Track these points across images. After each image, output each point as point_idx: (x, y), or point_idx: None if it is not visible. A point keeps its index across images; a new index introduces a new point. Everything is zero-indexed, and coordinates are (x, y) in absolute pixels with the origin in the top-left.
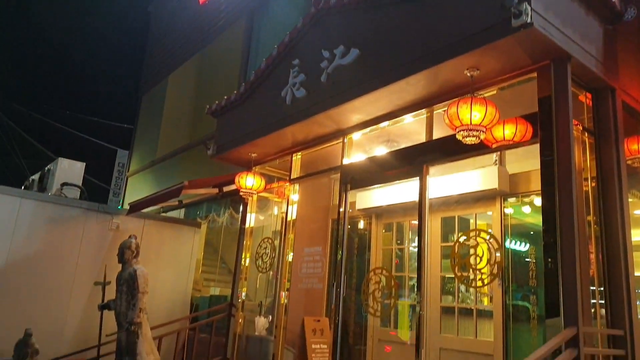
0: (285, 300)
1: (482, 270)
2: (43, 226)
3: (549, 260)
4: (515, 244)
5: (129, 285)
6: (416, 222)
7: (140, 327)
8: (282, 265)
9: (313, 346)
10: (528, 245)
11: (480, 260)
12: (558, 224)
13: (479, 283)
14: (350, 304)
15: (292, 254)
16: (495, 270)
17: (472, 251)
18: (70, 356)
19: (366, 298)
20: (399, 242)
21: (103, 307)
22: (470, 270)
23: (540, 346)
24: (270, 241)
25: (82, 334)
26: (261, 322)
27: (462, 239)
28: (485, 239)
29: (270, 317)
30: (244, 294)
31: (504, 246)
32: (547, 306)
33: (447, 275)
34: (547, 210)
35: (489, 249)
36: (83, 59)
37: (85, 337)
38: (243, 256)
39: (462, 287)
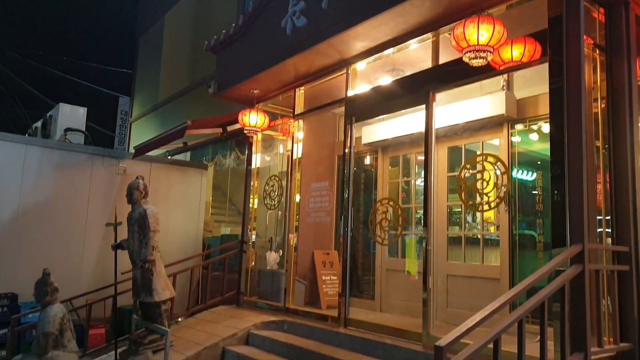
0: (295, 238)
1: (489, 195)
2: (50, 172)
3: (556, 190)
4: (522, 173)
5: (140, 224)
6: (422, 155)
7: (154, 265)
8: (290, 202)
9: (323, 277)
10: (535, 174)
11: (487, 184)
12: (566, 150)
13: (486, 207)
14: (358, 236)
15: (299, 190)
16: (501, 194)
17: (478, 176)
18: (88, 294)
19: (373, 228)
20: (405, 175)
21: (116, 247)
22: (477, 195)
23: None
24: (277, 179)
25: (99, 274)
26: (272, 257)
27: (469, 165)
28: (492, 163)
29: (281, 251)
30: (254, 237)
31: (511, 171)
32: (554, 236)
33: (453, 205)
34: (555, 135)
35: (495, 173)
36: (77, 2)
37: (102, 276)
38: (251, 196)
39: (469, 218)
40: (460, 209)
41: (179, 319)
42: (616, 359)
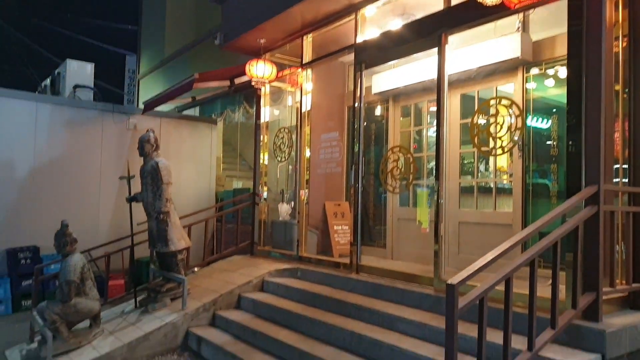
0: (306, 190)
1: (502, 139)
2: (62, 129)
3: (572, 139)
4: (536, 120)
5: (152, 177)
6: (434, 103)
7: (169, 216)
8: (300, 154)
9: (335, 227)
10: (549, 122)
11: (501, 128)
12: (584, 96)
13: (499, 151)
14: (369, 187)
15: (309, 142)
16: (515, 137)
17: (492, 120)
18: (106, 245)
19: (385, 177)
20: (417, 125)
21: (131, 199)
22: (490, 139)
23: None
24: (286, 131)
25: (115, 226)
26: (284, 208)
27: (482, 108)
28: (506, 106)
29: (292, 203)
30: (265, 194)
31: (525, 117)
32: (569, 184)
33: (466, 153)
34: (572, 80)
35: (509, 116)
36: None
37: (118, 228)
38: (261, 150)
39: (482, 167)
40: (472, 159)
41: (195, 269)
42: (628, 299)
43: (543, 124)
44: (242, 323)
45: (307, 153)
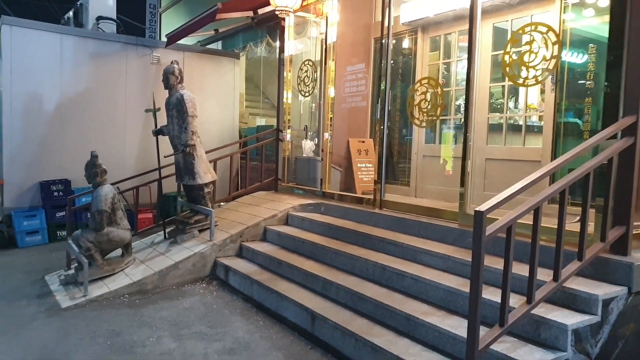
0: (330, 125)
1: (536, 68)
2: (87, 62)
3: (610, 76)
4: (571, 55)
5: (178, 110)
6: (465, 36)
7: (195, 149)
8: (325, 88)
9: (358, 165)
10: (586, 57)
11: (535, 56)
12: (627, 27)
13: (532, 81)
14: (394, 124)
15: (334, 75)
16: (550, 66)
17: (527, 47)
18: (134, 178)
19: (412, 110)
20: (446, 58)
21: (157, 132)
22: (524, 68)
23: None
24: (311, 64)
25: (141, 159)
26: (307, 145)
27: (517, 35)
28: (542, 33)
29: (316, 139)
30: (288, 135)
31: (562, 44)
32: (604, 124)
33: (495, 87)
34: (615, 9)
35: (545, 43)
36: None
37: (144, 161)
38: (285, 83)
39: (511, 103)
40: (501, 95)
41: (221, 204)
42: None
43: (578, 58)
44: (268, 254)
45: (332, 88)
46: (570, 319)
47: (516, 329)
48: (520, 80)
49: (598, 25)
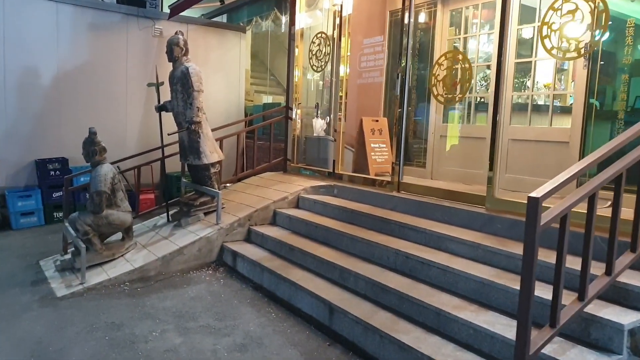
0: (344, 102)
1: (578, 40)
2: (85, 34)
3: None
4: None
5: (182, 84)
6: (488, 10)
7: (201, 126)
8: (338, 63)
9: (372, 145)
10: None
11: (578, 27)
12: None
13: (574, 54)
14: (408, 102)
15: (349, 49)
16: (597, 37)
17: (569, 16)
18: (135, 157)
19: (434, 86)
20: (465, 32)
21: (160, 108)
22: (564, 40)
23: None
24: (324, 37)
25: (143, 136)
26: (318, 124)
27: (557, 4)
28: (587, 0)
29: (328, 118)
30: (294, 114)
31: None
32: None
33: (522, 64)
34: None
35: (591, 12)
36: None
37: (147, 139)
38: (295, 59)
39: (529, 82)
40: (522, 73)
41: (227, 185)
42: None
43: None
44: (279, 239)
45: (346, 63)
46: (625, 317)
47: (563, 328)
48: (561, 54)
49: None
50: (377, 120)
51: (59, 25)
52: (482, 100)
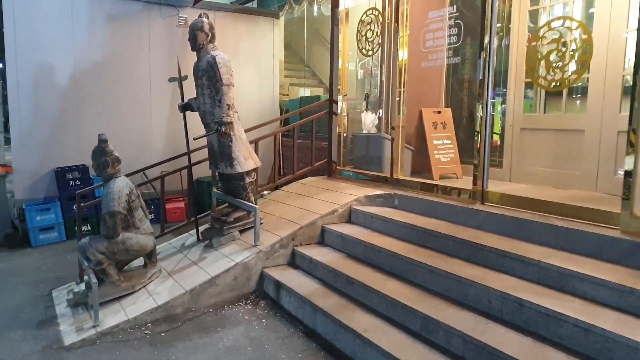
0: (402, 92)
1: None
2: (103, 26)
3: None
4: None
5: (209, 76)
6: None
7: (232, 128)
8: (395, 44)
9: (435, 142)
10: None
11: None
12: None
13: None
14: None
15: (408, 26)
16: None
17: None
18: (162, 164)
19: (534, 64)
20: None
21: (184, 107)
22: None
23: None
24: (376, 13)
25: (171, 140)
26: (369, 119)
27: None
28: None
29: (380, 111)
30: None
31: None
32: None
33: None
34: None
35: None
36: None
37: (175, 142)
38: (340, 44)
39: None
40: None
41: (264, 193)
42: None
43: None
44: (332, 266)
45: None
46: None
47: None
48: None
49: None
50: (439, 112)
51: (74, 17)
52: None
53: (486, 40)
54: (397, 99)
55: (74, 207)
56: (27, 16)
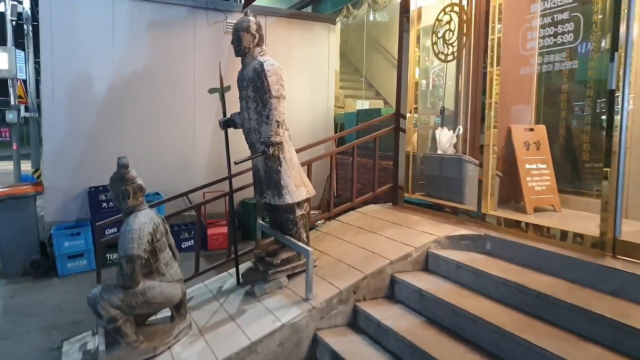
0: (494, 102)
1: None
2: (145, 32)
3: None
4: None
5: (255, 87)
6: None
7: (282, 149)
8: (485, 44)
9: (527, 166)
10: None
11: None
12: None
13: None
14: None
15: (498, 20)
16: None
17: None
18: (207, 186)
19: None
20: None
21: (226, 123)
22: None
23: None
24: (457, 10)
25: (214, 161)
26: (445, 136)
27: None
28: None
29: (460, 128)
30: (412, 123)
31: None
32: None
33: None
34: None
35: None
36: None
37: (219, 164)
38: (410, 49)
39: None
40: None
41: (318, 223)
42: None
43: None
44: (407, 337)
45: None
46: None
47: None
48: None
49: None
50: (531, 130)
51: (115, 23)
52: None
53: (622, 30)
54: (489, 112)
55: (106, 232)
56: (65, 24)
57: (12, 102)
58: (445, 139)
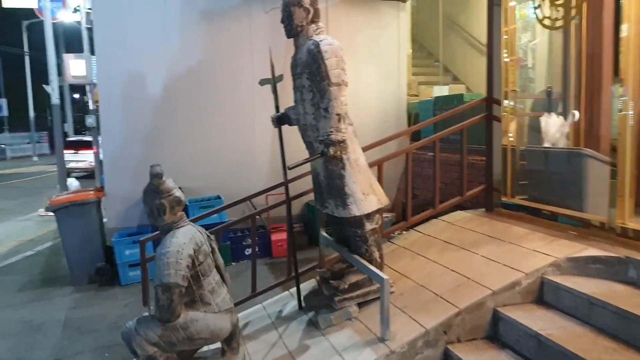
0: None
1: None
2: (199, 25)
3: None
4: None
5: (311, 72)
6: None
7: (346, 149)
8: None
9: None
10: None
11: None
12: None
13: None
14: None
15: None
16: None
17: None
18: (269, 190)
19: None
20: None
21: (279, 119)
22: None
23: None
24: None
25: (277, 161)
26: (554, 124)
27: None
28: None
29: (575, 113)
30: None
31: None
32: None
33: None
34: None
35: None
36: None
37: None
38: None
39: None
40: None
41: (393, 235)
42: None
43: None
44: None
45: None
46: None
47: None
48: None
49: None
50: None
51: (167, 16)
52: None
53: None
54: (622, 93)
55: None
56: (117, 17)
57: (91, 107)
58: (554, 127)
